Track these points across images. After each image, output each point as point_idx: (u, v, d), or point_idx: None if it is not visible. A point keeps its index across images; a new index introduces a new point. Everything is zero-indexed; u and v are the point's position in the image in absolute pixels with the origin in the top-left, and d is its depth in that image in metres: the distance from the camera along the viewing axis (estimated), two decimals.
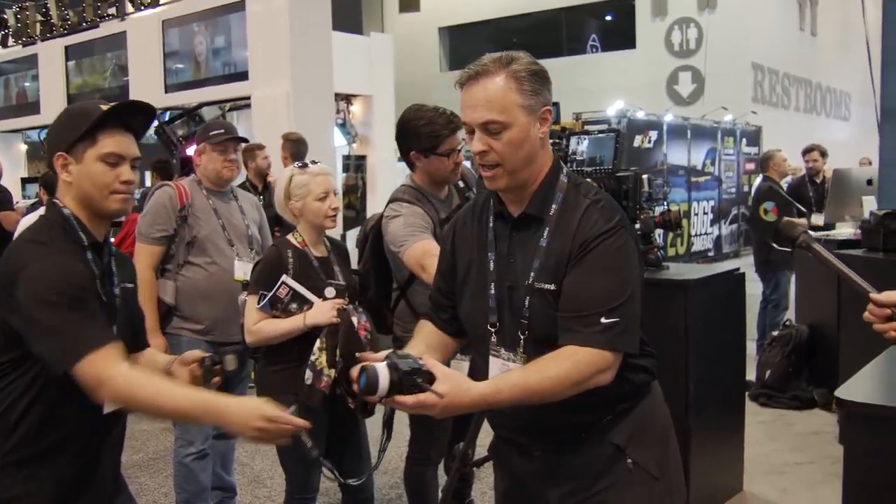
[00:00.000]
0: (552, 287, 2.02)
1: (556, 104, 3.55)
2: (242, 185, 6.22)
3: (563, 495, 2.15)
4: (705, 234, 15.74)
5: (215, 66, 10.07)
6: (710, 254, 15.69)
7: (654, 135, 14.22)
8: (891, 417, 1.89)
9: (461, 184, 3.70)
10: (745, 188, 16.50)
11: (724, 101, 17.52)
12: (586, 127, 13.54)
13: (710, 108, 17.31)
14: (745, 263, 7.09)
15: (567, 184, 2.12)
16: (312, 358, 3.22)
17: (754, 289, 7.70)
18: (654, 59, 20.67)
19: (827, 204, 7.36)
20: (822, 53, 23.24)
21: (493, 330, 2.12)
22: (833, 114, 25.23)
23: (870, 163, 12.44)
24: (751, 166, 16.76)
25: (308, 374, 3.20)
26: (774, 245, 2.05)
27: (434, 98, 4.31)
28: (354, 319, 3.26)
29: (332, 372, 3.18)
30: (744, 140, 17.12)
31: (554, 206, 2.08)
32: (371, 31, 14.09)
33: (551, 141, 3.37)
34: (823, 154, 8.38)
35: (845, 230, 6.76)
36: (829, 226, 7.28)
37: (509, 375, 1.98)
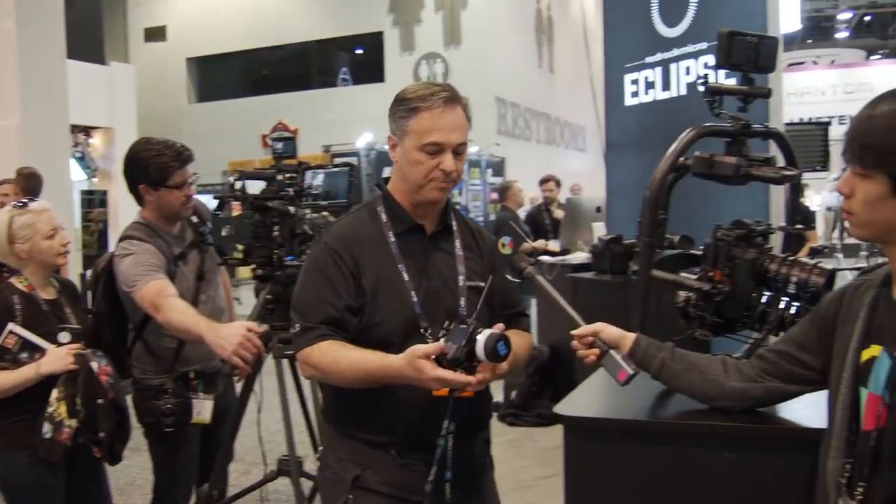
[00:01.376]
0: (483, 284, 2.23)
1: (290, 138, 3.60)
2: None
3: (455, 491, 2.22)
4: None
5: None
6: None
7: None
8: (601, 429, 2.09)
9: (195, 218, 3.62)
10: (492, 216, 17.21)
11: (471, 134, 18.08)
12: (335, 159, 13.75)
13: None
14: None
15: None
16: (50, 409, 3.03)
17: None
18: None
19: (561, 231, 7.85)
20: (560, 89, 24.70)
21: (426, 334, 2.20)
22: (571, 145, 26.85)
23: (580, 190, 13.64)
24: (496, 196, 17.48)
25: (46, 427, 3.01)
26: (509, 277, 2.22)
27: (183, 130, 4.25)
28: (94, 364, 3.12)
29: (74, 422, 3.04)
30: (489, 170, 17.88)
31: (453, 220, 2.39)
32: (114, 60, 13.55)
33: (288, 176, 3.44)
34: (558, 184, 8.95)
35: (579, 255, 7.19)
36: (565, 251, 7.77)
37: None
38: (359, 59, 24.07)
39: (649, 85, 6.22)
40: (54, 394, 3.04)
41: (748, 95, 2.37)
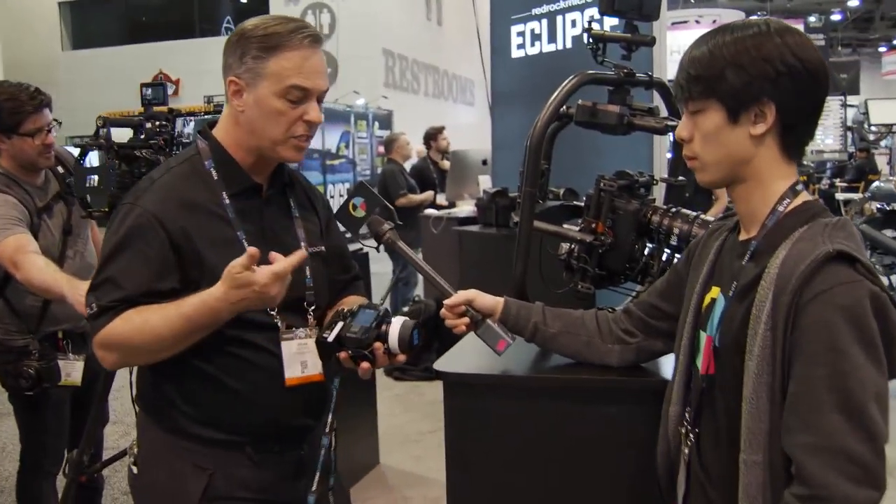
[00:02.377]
0: (322, 248, 2.06)
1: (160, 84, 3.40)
2: None
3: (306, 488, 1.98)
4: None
5: None
6: (348, 235, 16.04)
7: None
8: (479, 384, 2.06)
9: (60, 169, 3.40)
10: (379, 170, 17.07)
11: (358, 86, 17.96)
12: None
13: (344, 93, 17.66)
14: None
15: None
16: None
17: (385, 267, 8.00)
18: None
19: (447, 184, 7.79)
20: (448, 42, 24.58)
21: (272, 312, 1.94)
22: (459, 99, 26.82)
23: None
24: (383, 149, 17.36)
25: None
26: (361, 243, 2.10)
27: (58, 79, 3.97)
28: None
29: None
30: (376, 123, 17.71)
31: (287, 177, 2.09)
32: None
33: (158, 123, 3.24)
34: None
35: (466, 208, 7.16)
36: (452, 204, 7.72)
37: None
38: (243, 7, 23.39)
39: (535, 37, 6.15)
40: None
41: (632, 43, 2.31)
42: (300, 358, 1.97)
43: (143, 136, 3.11)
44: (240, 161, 1.98)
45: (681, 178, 2.55)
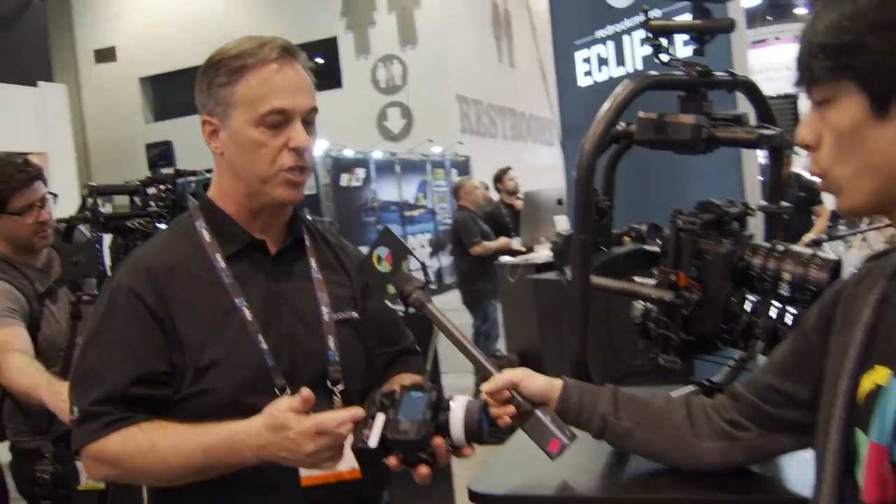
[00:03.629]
0: (356, 315, 1.74)
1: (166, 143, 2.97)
2: None
3: None
4: (425, 267, 15.67)
5: None
6: (433, 286, 15.61)
7: (361, 172, 13.95)
8: None
9: None
10: None
11: (433, 134, 17.64)
12: None
13: (419, 142, 17.36)
14: None
15: None
16: None
17: (467, 319, 7.51)
18: (361, 97, 20.56)
19: (521, 227, 7.26)
20: (523, 83, 24.14)
21: (284, 394, 1.56)
22: (538, 139, 26.28)
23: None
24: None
25: None
26: (387, 304, 1.72)
27: (142, 151, 3.55)
28: None
29: None
30: (454, 170, 17.30)
31: (304, 233, 1.77)
32: (64, 83, 12.85)
33: (163, 188, 2.81)
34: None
35: (543, 253, 6.62)
36: (529, 249, 7.18)
37: None
38: (317, 67, 23.42)
39: (602, 62, 5.62)
40: None
41: (704, 32, 1.73)
42: None
43: (139, 203, 2.70)
44: (234, 216, 1.68)
45: (784, 203, 1.95)
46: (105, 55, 22.49)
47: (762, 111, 1.89)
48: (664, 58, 1.75)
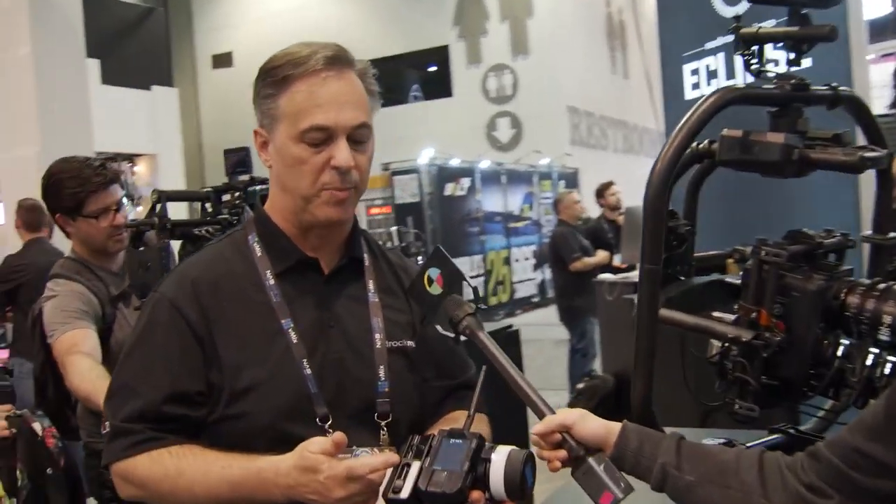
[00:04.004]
0: (412, 344, 1.63)
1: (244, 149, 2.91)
2: None
3: None
4: (528, 279, 15.46)
5: None
6: (535, 299, 15.38)
7: (466, 182, 13.87)
8: None
9: None
10: None
11: (542, 145, 17.47)
12: (394, 177, 13.15)
13: (526, 153, 17.20)
14: None
15: None
16: None
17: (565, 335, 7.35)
18: (471, 106, 20.54)
19: (622, 244, 7.03)
20: (636, 95, 23.73)
21: (326, 427, 1.49)
22: (651, 153, 25.79)
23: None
24: None
25: None
26: (439, 329, 1.59)
27: (256, 157, 3.54)
28: (37, 426, 2.53)
29: (13, 501, 2.46)
30: (562, 182, 17.06)
31: (365, 252, 1.68)
32: (181, 86, 13.27)
33: (236, 195, 2.75)
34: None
35: None
36: (630, 266, 6.94)
37: None
38: (429, 75, 23.51)
39: (711, 74, 5.38)
40: None
41: (801, 41, 1.55)
42: None
43: (210, 210, 2.65)
44: (286, 231, 1.60)
45: (893, 234, 1.75)
46: (222, 60, 23.09)
47: (869, 130, 1.69)
48: (759, 68, 1.57)
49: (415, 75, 23.48)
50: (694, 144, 1.61)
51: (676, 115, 5.74)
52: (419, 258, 4.24)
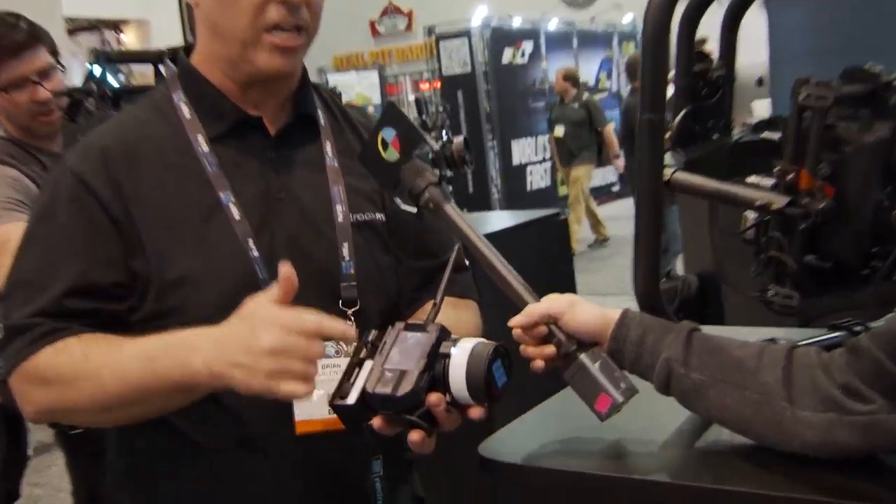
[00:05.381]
0: (382, 217, 1.62)
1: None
2: None
3: None
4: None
5: None
6: (615, 188, 15.21)
7: (528, 46, 13.63)
8: (553, 486, 1.42)
9: None
10: None
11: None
12: (441, 43, 12.94)
13: (604, 9, 16.80)
14: None
15: None
16: None
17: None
18: None
19: None
20: None
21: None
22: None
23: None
24: None
25: None
26: (397, 202, 1.49)
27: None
28: None
29: None
30: None
31: (319, 110, 1.65)
32: None
33: None
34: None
35: None
36: None
37: None
38: None
39: None
40: None
41: None
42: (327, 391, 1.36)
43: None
44: (220, 86, 1.55)
45: None
46: None
47: None
48: None
49: None
50: None
51: None
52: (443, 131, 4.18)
